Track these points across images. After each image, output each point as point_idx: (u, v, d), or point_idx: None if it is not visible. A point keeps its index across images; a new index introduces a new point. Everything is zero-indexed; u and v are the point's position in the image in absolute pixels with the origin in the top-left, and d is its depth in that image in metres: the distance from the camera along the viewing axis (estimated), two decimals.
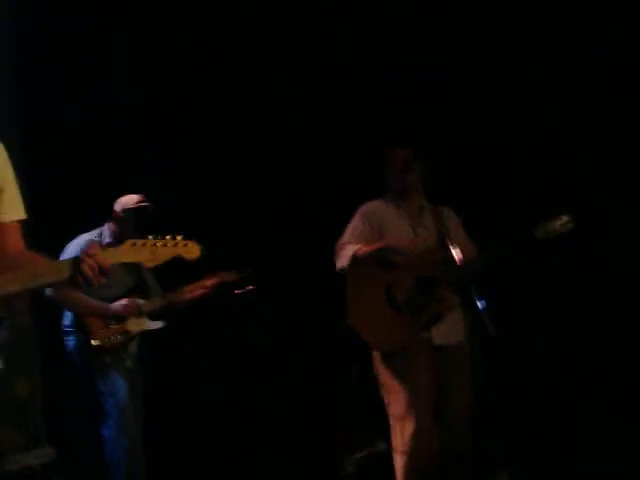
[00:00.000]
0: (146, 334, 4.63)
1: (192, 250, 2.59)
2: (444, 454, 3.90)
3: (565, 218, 3.78)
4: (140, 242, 2.55)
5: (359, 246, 4.04)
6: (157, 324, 4.64)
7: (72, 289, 4.00)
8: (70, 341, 4.53)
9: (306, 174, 5.24)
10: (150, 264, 2.59)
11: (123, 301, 4.53)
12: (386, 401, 4.00)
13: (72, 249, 4.46)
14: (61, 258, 3.76)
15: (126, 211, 4.57)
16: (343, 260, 4.05)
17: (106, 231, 4.65)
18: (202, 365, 5.16)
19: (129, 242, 2.55)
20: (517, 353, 4.42)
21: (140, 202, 4.58)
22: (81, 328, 4.48)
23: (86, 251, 2.47)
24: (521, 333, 4.45)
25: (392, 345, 3.98)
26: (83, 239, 4.56)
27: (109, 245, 4.56)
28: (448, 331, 3.98)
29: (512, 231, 3.86)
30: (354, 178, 4.91)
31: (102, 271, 2.47)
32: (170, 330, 4.65)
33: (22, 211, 2.63)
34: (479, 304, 3.55)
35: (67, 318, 4.56)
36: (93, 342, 4.42)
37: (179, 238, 2.60)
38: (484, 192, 4.65)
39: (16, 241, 2.62)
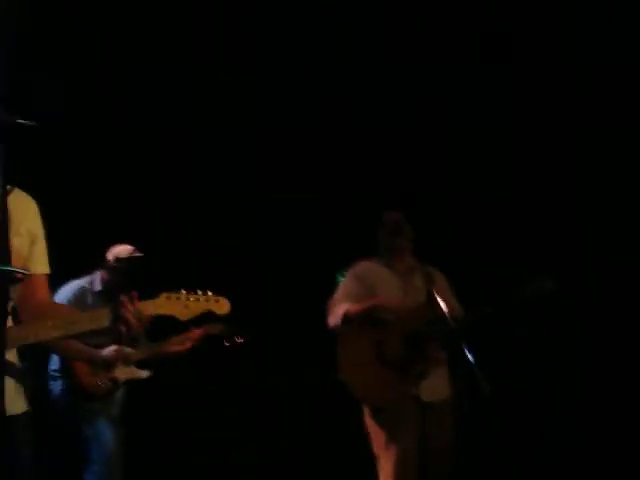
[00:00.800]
0: (132, 382, 4.70)
1: (223, 306, 2.73)
2: None
3: (548, 281, 4.03)
4: (174, 296, 2.68)
5: (350, 304, 4.22)
6: (144, 373, 4.72)
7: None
8: (57, 386, 4.57)
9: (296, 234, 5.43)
10: (183, 318, 2.71)
11: (113, 347, 4.59)
12: (375, 452, 4.15)
13: (64, 294, 4.54)
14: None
15: (119, 261, 4.66)
16: (335, 318, 4.22)
17: (97, 279, 4.74)
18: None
19: (164, 295, 2.67)
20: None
21: (133, 253, 4.69)
22: (69, 373, 4.53)
23: (126, 300, 2.59)
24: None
25: (381, 400, 4.14)
26: (76, 284, 4.64)
27: (99, 293, 4.67)
28: (435, 387, 4.16)
29: (497, 293, 4.07)
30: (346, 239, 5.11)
31: (141, 322, 2.60)
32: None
33: (48, 266, 2.75)
34: (470, 360, 3.72)
35: (54, 363, 4.60)
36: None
37: (210, 294, 2.75)
38: (470, 255, 4.87)
39: (45, 293, 2.74)
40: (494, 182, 5.09)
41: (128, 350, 4.67)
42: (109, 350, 4.57)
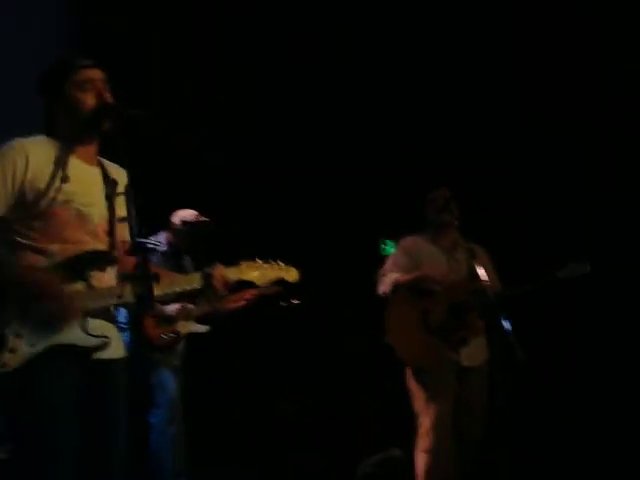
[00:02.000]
0: (192, 336, 5.11)
1: (292, 273, 3.13)
2: (458, 460, 4.46)
3: (584, 262, 4.37)
4: (252, 264, 3.06)
5: (399, 274, 4.59)
6: (203, 328, 5.12)
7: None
8: (125, 337, 4.97)
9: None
10: (260, 283, 3.09)
11: (177, 305, 4.98)
12: (415, 410, 4.54)
13: None
14: None
15: (185, 224, 5.05)
16: (385, 286, 4.60)
17: (162, 239, 5.12)
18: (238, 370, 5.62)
19: (244, 263, 3.05)
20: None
21: (199, 217, 5.07)
22: (136, 326, 4.94)
23: (216, 267, 2.95)
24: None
25: (424, 363, 4.53)
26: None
27: (165, 253, 5.06)
28: (473, 354, 4.54)
29: (535, 272, 4.42)
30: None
31: (227, 285, 2.97)
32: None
33: None
34: (507, 330, 4.06)
35: (122, 315, 4.99)
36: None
37: (281, 263, 3.12)
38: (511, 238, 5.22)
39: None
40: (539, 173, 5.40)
41: (189, 306, 5.07)
42: (173, 306, 4.97)
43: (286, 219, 5.89)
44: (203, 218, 5.05)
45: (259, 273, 3.04)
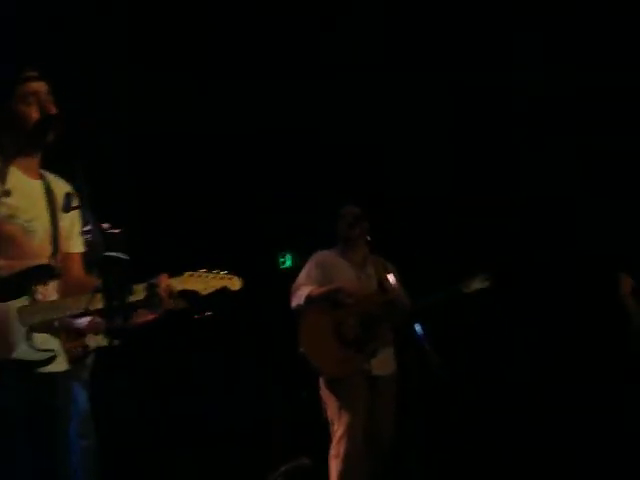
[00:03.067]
0: (100, 349, 5.07)
1: (235, 283, 3.16)
2: (369, 463, 4.66)
3: (484, 276, 4.68)
4: (196, 274, 3.11)
5: (312, 287, 4.76)
6: (114, 341, 5.09)
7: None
8: None
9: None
10: (204, 293, 3.15)
11: (87, 319, 4.94)
12: (329, 419, 4.71)
13: None
14: None
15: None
16: (299, 299, 4.77)
17: None
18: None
19: (187, 273, 3.10)
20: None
21: (109, 229, 5.05)
22: None
23: (160, 277, 2.99)
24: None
25: (337, 372, 4.71)
26: None
27: None
28: (383, 363, 4.77)
29: (441, 285, 4.69)
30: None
31: (171, 295, 3.02)
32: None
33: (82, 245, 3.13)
34: (421, 338, 4.29)
35: None
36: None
37: (224, 272, 3.19)
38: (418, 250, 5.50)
39: (81, 268, 3.10)
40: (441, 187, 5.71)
41: (98, 320, 5.04)
42: (85, 320, 4.92)
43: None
44: (113, 229, 5.04)
45: (202, 283, 3.07)
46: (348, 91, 5.88)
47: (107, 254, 2.67)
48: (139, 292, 2.98)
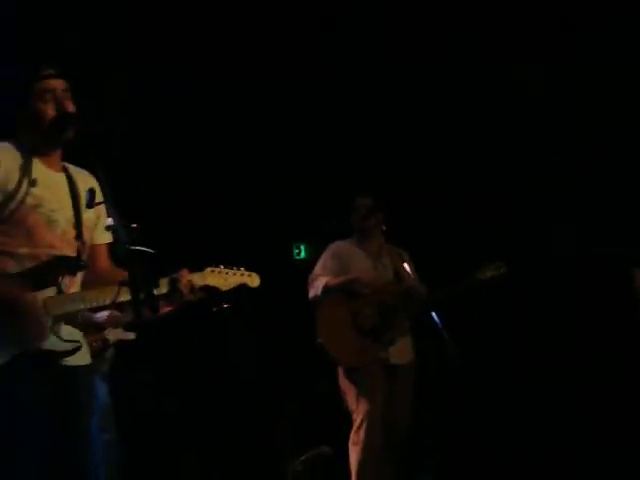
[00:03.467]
0: (120, 343, 5.12)
1: (254, 280, 3.21)
2: (387, 450, 4.70)
3: (500, 263, 4.70)
4: (216, 270, 3.14)
5: (329, 278, 4.79)
6: (130, 335, 5.15)
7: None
8: None
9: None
10: (224, 288, 3.18)
11: (106, 313, 4.99)
12: (349, 407, 4.75)
13: None
14: None
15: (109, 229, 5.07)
16: (316, 289, 4.80)
17: None
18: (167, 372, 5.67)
19: (208, 269, 3.13)
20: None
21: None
22: None
23: (182, 272, 3.03)
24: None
25: (355, 362, 4.74)
26: None
27: None
28: (401, 352, 4.80)
29: (457, 274, 4.71)
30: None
31: (193, 290, 3.05)
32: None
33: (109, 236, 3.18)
34: (439, 325, 4.30)
35: None
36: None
37: (243, 269, 3.21)
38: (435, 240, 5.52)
39: (107, 259, 3.16)
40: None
41: (117, 314, 5.09)
42: (104, 314, 4.97)
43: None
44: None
45: (223, 279, 3.12)
46: (362, 85, 5.90)
47: (133, 248, 2.69)
48: (162, 286, 3.02)
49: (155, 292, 3.01)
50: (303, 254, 6.76)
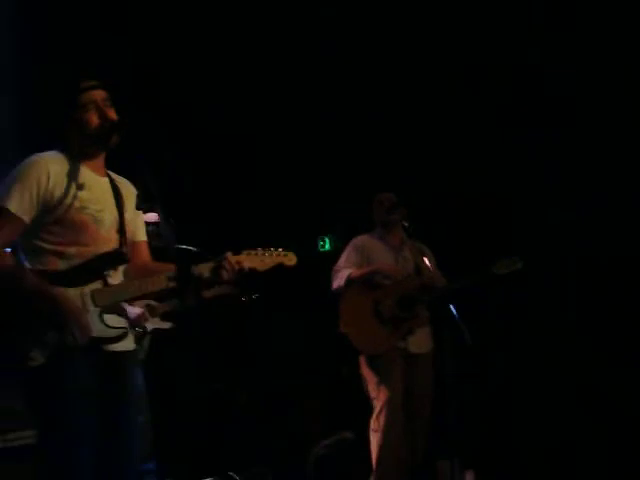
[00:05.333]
0: (157, 332, 5.39)
1: (291, 258, 3.28)
2: (408, 437, 4.95)
3: (516, 258, 4.90)
4: (253, 252, 3.25)
5: (352, 270, 5.04)
6: (167, 324, 5.41)
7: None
8: None
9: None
10: (261, 269, 3.27)
11: (137, 310, 5.23)
12: (370, 394, 5.01)
13: None
14: None
15: (149, 225, 5.33)
16: (340, 281, 5.06)
17: None
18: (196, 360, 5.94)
19: (245, 252, 3.23)
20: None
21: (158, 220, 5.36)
22: None
23: (226, 255, 3.18)
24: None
25: (376, 350, 4.99)
26: None
27: None
28: (420, 342, 5.05)
29: (474, 267, 4.93)
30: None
31: (241, 271, 3.24)
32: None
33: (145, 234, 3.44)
34: (455, 317, 4.53)
35: None
36: None
37: (280, 249, 3.30)
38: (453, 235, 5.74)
39: (148, 255, 3.41)
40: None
41: (154, 303, 5.35)
42: (135, 310, 5.18)
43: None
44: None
45: (260, 260, 3.22)
46: (386, 82, 6.11)
47: (179, 246, 2.91)
48: (207, 269, 3.17)
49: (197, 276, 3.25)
50: (327, 246, 7.01)
